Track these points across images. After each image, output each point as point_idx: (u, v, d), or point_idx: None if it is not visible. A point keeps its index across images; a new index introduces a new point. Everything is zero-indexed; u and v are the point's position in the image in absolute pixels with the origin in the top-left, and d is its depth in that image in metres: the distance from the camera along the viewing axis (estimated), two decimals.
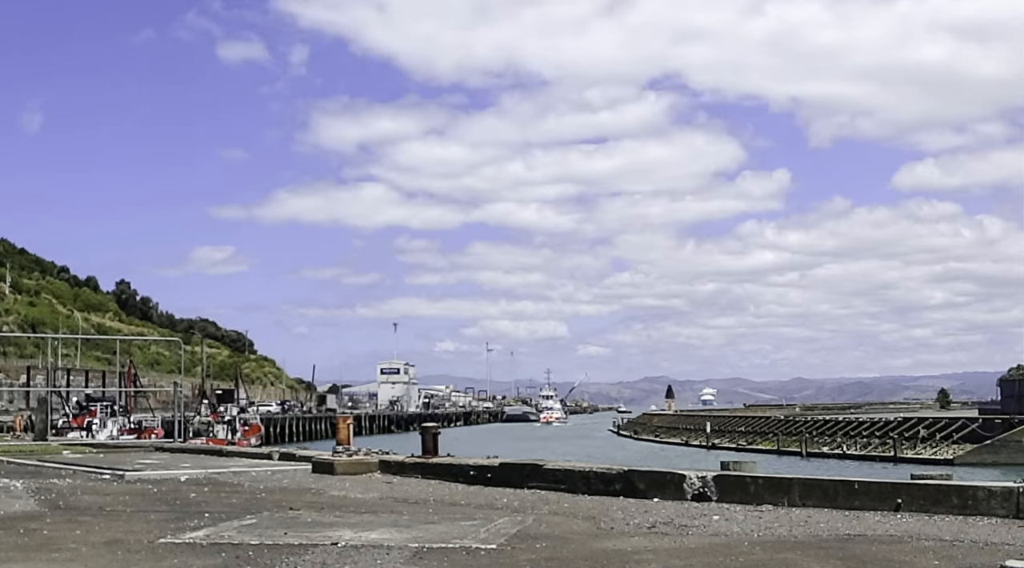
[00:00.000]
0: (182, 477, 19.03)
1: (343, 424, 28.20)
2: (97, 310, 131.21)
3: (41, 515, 12.62)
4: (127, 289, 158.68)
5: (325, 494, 15.60)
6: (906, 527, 10.57)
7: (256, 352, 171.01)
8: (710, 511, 12.28)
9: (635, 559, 8.87)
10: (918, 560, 8.64)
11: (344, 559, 8.91)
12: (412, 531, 10.74)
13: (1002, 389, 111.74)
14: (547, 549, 9.50)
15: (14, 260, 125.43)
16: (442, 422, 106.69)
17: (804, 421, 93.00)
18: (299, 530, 10.87)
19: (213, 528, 11.08)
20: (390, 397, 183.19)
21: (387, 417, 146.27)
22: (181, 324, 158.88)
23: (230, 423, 67.47)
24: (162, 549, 9.64)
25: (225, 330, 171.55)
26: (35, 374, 75.87)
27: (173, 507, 13.62)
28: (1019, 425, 67.12)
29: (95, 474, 20.12)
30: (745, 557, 8.89)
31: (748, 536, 10.21)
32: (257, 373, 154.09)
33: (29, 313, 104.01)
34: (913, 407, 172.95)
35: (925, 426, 74.34)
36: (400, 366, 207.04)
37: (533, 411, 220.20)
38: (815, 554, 8.98)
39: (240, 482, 17.96)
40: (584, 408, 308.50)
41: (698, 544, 9.77)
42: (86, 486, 17.29)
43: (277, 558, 8.96)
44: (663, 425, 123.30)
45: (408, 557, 9.04)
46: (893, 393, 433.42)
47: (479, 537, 10.25)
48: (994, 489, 11.32)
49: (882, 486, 12.25)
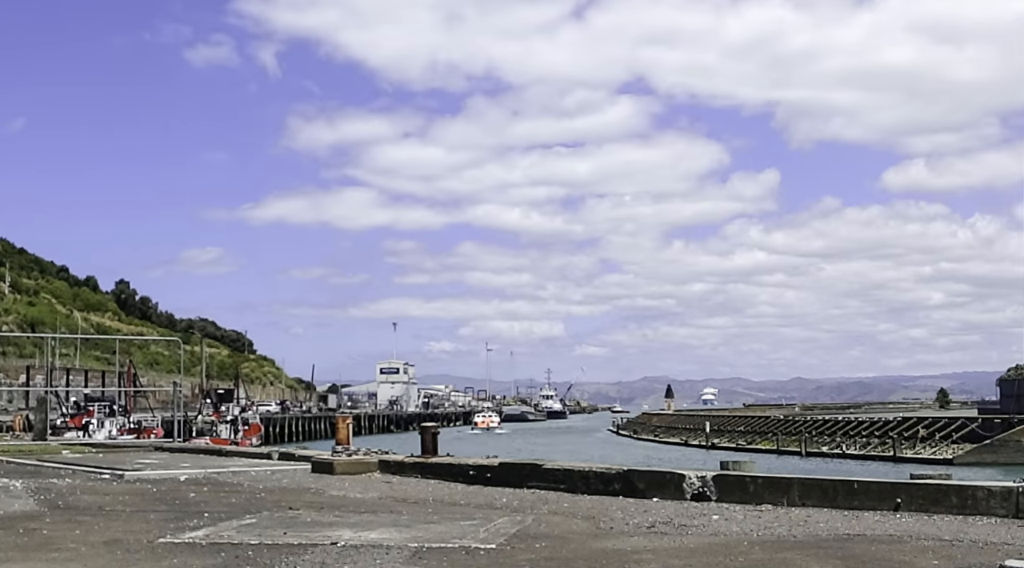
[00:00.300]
0: (181, 477, 19.03)
1: (342, 424, 28.23)
2: (96, 310, 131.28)
3: (40, 515, 12.62)
4: (126, 289, 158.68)
5: (324, 494, 15.60)
6: (905, 527, 10.57)
7: (256, 352, 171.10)
8: (709, 511, 12.28)
9: (635, 559, 8.87)
10: (917, 560, 8.64)
11: (343, 559, 8.91)
12: (411, 531, 10.73)
13: (1001, 389, 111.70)
14: (547, 549, 9.50)
15: (13, 260, 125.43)
16: (441, 422, 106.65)
17: (803, 421, 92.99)
18: (298, 530, 10.87)
19: (212, 528, 11.08)
20: (389, 397, 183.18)
21: (386, 417, 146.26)
22: (181, 324, 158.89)
23: (233, 423, 67.51)
24: (161, 549, 9.64)
25: (225, 330, 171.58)
26: (34, 374, 75.87)
27: (172, 507, 13.62)
28: (1018, 425, 67.10)
29: (95, 474, 20.12)
30: (744, 557, 8.89)
31: (747, 536, 10.21)
32: (257, 373, 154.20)
33: (28, 313, 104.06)
34: (912, 407, 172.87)
35: (924, 426, 74.34)
36: (400, 366, 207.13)
37: (532, 411, 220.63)
38: (814, 554, 8.98)
39: (240, 482, 17.97)
40: (584, 407, 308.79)
41: (697, 544, 9.77)
42: (85, 486, 17.28)
43: (277, 558, 8.96)
44: (662, 425, 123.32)
45: (407, 557, 9.03)
46: (892, 393, 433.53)
47: (478, 537, 10.24)
48: (993, 489, 11.32)
49: (881, 486, 12.25)
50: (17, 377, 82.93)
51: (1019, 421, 67.83)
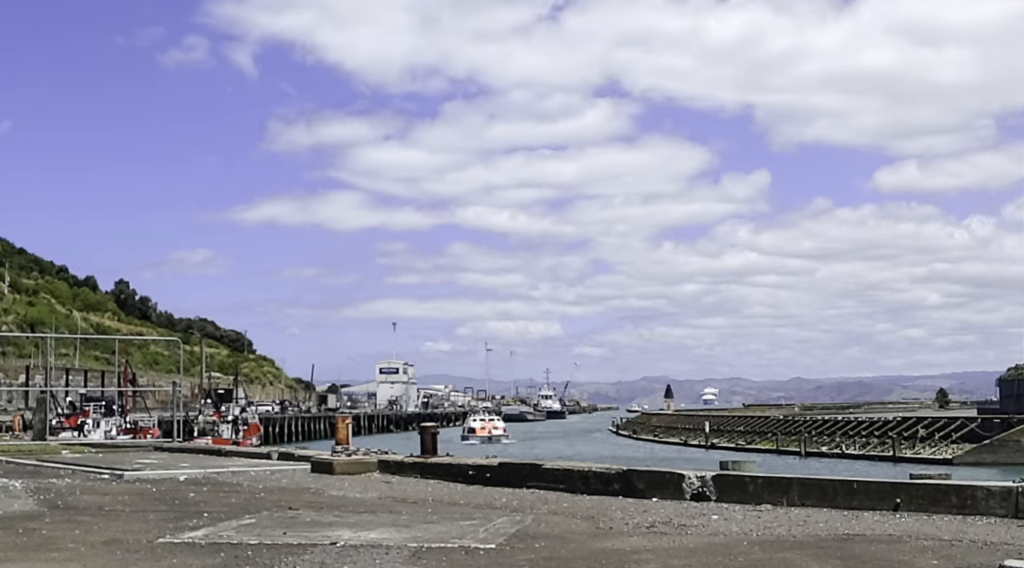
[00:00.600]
0: (181, 477, 19.03)
1: (342, 424, 28.23)
2: (96, 310, 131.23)
3: (40, 515, 12.62)
4: (126, 289, 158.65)
5: (324, 494, 15.60)
6: (905, 527, 10.57)
7: (255, 352, 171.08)
8: (709, 511, 12.28)
9: (634, 559, 8.87)
10: (917, 560, 8.64)
11: (343, 559, 8.91)
12: (411, 531, 10.73)
13: (1001, 389, 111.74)
14: (546, 549, 9.49)
15: (13, 260, 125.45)
16: (441, 422, 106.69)
17: (803, 421, 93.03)
18: (298, 530, 10.87)
19: (212, 528, 11.08)
20: (389, 397, 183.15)
21: (386, 417, 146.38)
22: (180, 324, 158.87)
23: (234, 422, 67.55)
24: (161, 549, 9.64)
25: (224, 330, 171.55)
26: (34, 374, 75.89)
27: (172, 507, 13.62)
28: (1018, 425, 67.13)
29: (94, 474, 20.13)
30: (744, 557, 8.89)
31: (747, 536, 10.21)
32: (256, 373, 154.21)
33: (28, 313, 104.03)
34: (912, 407, 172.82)
35: (924, 426, 74.38)
36: (399, 366, 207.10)
37: (531, 411, 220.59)
38: (814, 554, 8.97)
39: (239, 482, 17.97)
40: (583, 407, 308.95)
41: (697, 544, 9.77)
42: (85, 486, 17.29)
43: (276, 558, 8.96)
44: (662, 425, 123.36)
45: (407, 557, 9.03)
46: (892, 393, 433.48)
47: (478, 537, 10.24)
48: (993, 489, 11.32)
49: (881, 486, 12.25)
50: (17, 377, 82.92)
51: (1018, 421, 67.85)
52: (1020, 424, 67.00)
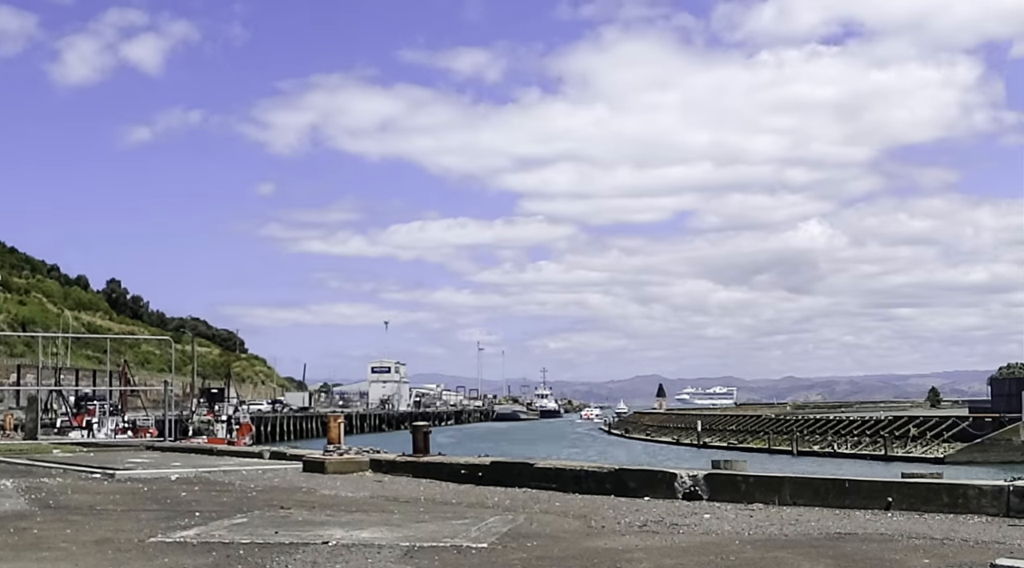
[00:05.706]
0: (172, 476, 18.98)
1: (334, 423, 28.09)
2: (88, 309, 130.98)
3: (31, 514, 12.58)
4: (118, 288, 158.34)
5: (316, 493, 15.57)
6: (896, 525, 10.59)
7: (247, 351, 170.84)
8: (701, 510, 12.29)
9: (626, 558, 8.87)
10: (908, 558, 8.65)
11: (335, 558, 8.90)
12: (403, 530, 10.72)
13: (992, 388, 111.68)
14: (538, 548, 9.49)
15: (4, 259, 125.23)
16: (433, 421, 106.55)
17: (795, 420, 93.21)
18: (290, 529, 10.85)
19: (203, 527, 11.05)
20: (381, 396, 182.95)
21: (378, 416, 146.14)
22: (172, 323, 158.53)
23: (228, 422, 67.51)
24: (152, 548, 9.61)
25: (216, 329, 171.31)
26: (25, 373, 75.63)
27: (163, 506, 13.59)
28: (1009, 424, 67.36)
29: (86, 473, 20.05)
30: (736, 556, 8.90)
31: (739, 535, 10.22)
32: (248, 372, 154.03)
33: (19, 312, 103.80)
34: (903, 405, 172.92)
35: (916, 425, 74.58)
36: (391, 365, 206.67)
37: (524, 410, 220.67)
38: (806, 552, 8.99)
39: (231, 481, 17.92)
40: (575, 406, 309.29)
41: (689, 543, 9.78)
42: (76, 485, 17.23)
43: (268, 557, 8.94)
44: (654, 424, 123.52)
45: (399, 556, 9.02)
46: (883, 391, 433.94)
47: (470, 536, 10.23)
48: (984, 488, 11.35)
49: (873, 485, 12.27)
50: (8, 376, 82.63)
51: (1010, 420, 68.05)
52: (1011, 423, 67.21)
